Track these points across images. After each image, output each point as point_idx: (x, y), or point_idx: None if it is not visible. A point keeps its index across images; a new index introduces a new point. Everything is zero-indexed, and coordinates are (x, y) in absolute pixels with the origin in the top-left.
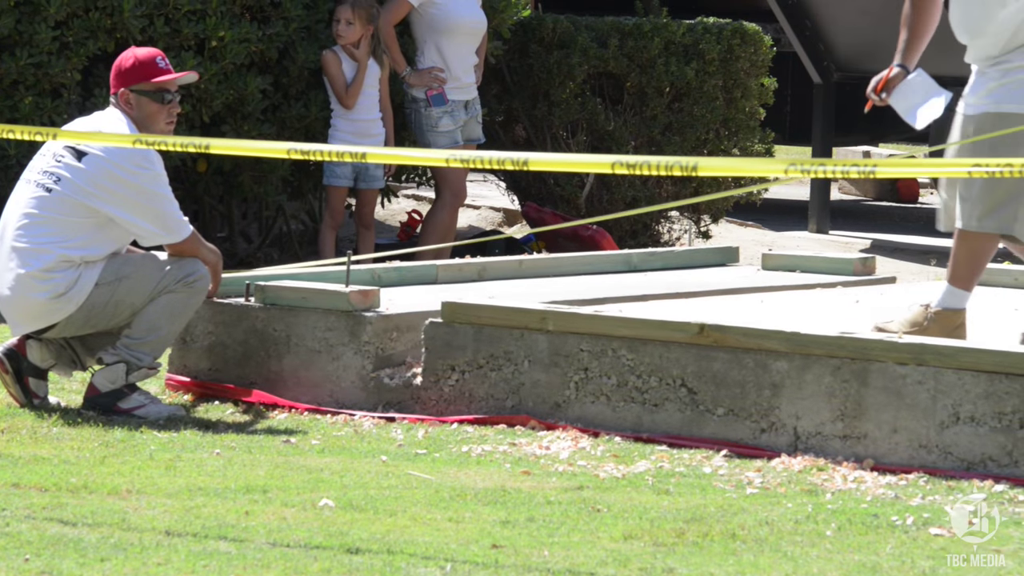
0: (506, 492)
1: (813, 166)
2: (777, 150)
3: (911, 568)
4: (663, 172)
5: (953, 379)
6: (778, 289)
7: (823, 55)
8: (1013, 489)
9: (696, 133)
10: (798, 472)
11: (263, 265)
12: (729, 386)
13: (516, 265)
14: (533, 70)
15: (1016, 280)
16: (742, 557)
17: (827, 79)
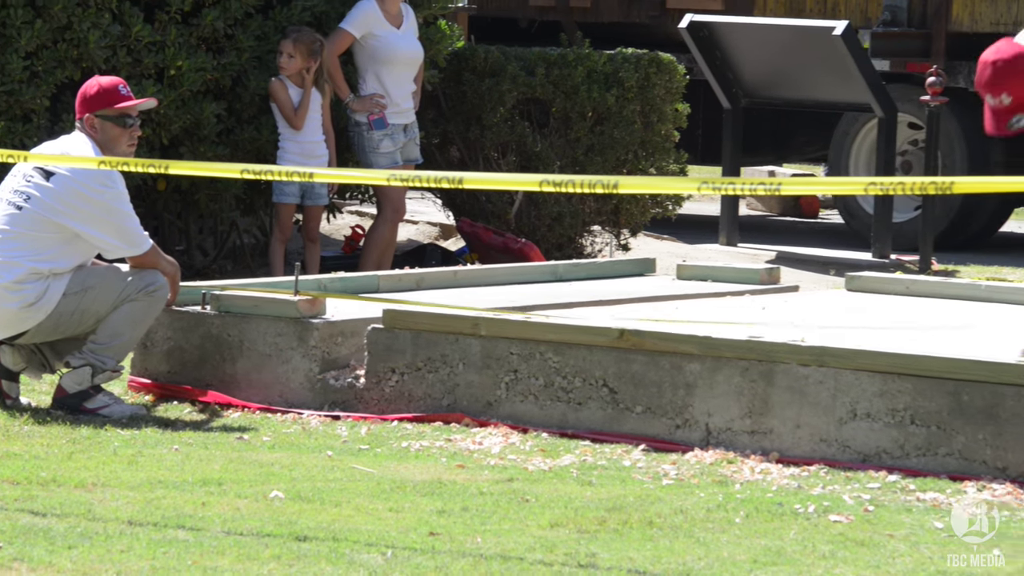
0: (442, 484)
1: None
2: (690, 169)
3: (812, 552)
4: (587, 190)
5: (851, 379)
6: (691, 297)
7: (732, 83)
8: (904, 479)
9: (616, 154)
10: (710, 464)
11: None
12: (647, 386)
13: (451, 275)
14: (467, 96)
15: (908, 288)
16: (659, 543)
17: (736, 105)
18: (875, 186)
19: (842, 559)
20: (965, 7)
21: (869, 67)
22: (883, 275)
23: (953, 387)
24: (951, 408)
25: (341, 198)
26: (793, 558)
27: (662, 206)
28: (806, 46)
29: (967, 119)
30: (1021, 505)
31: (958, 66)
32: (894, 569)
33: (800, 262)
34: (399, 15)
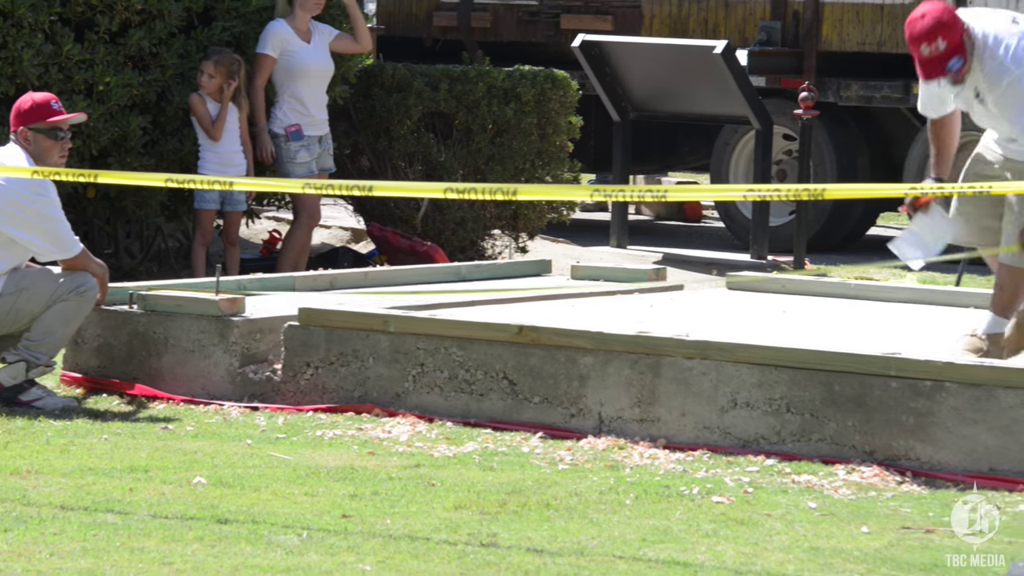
0: (354, 470)
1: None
2: (583, 178)
3: (696, 530)
4: (488, 196)
5: (732, 371)
6: (585, 295)
7: (621, 98)
8: (781, 463)
9: (515, 163)
10: (602, 451)
11: (144, 278)
12: (544, 378)
13: (362, 276)
14: (376, 110)
15: (784, 287)
16: (555, 523)
17: (625, 118)
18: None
19: (724, 537)
20: (834, 28)
21: (747, 83)
22: (761, 275)
23: (825, 378)
24: (823, 397)
25: (259, 205)
26: (679, 536)
27: (557, 211)
28: (689, 63)
29: (836, 131)
30: (887, 486)
31: (828, 82)
32: (771, 546)
33: (685, 263)
34: (308, 31)
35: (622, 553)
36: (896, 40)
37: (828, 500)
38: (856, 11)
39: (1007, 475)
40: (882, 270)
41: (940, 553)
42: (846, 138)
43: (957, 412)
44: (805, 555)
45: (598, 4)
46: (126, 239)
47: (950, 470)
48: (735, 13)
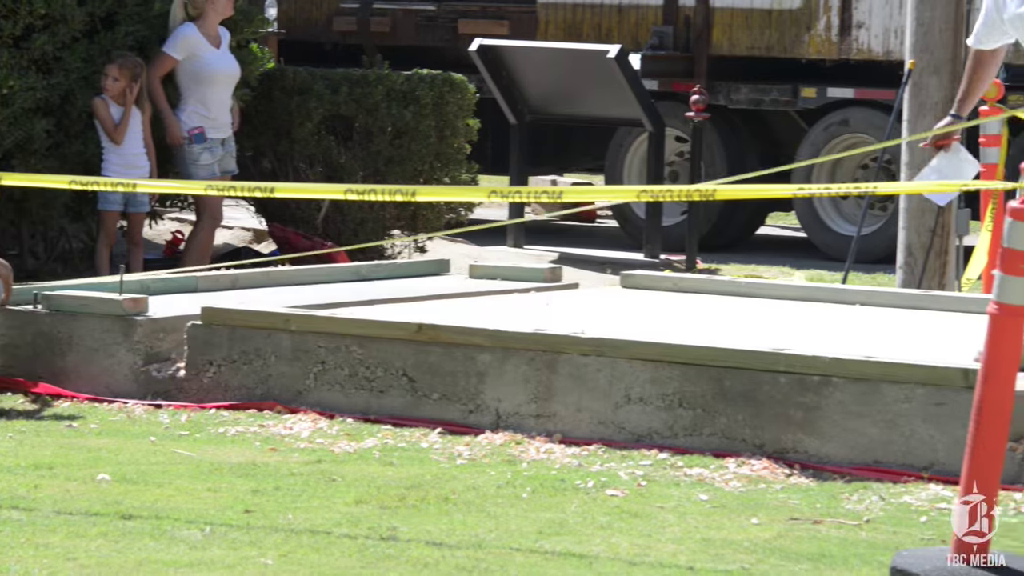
0: (256, 466)
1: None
2: (481, 179)
3: (592, 523)
4: (387, 198)
5: (626, 367)
6: (483, 294)
7: (517, 101)
8: (673, 457)
9: (414, 165)
10: (500, 446)
11: (49, 278)
12: (443, 375)
13: (264, 276)
14: (277, 113)
15: (676, 285)
16: (454, 517)
17: (521, 120)
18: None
19: (618, 529)
20: (724, 33)
21: (640, 86)
22: (654, 273)
23: (716, 373)
24: (715, 392)
25: (162, 206)
26: (574, 529)
27: (456, 212)
28: (584, 67)
29: (726, 132)
30: (776, 478)
31: (718, 85)
32: (664, 537)
33: (580, 262)
34: (217, 36)
35: (519, 545)
36: (784, 44)
37: (719, 492)
38: (745, 16)
39: (891, 467)
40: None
41: (827, 543)
42: (736, 140)
43: (843, 406)
44: (697, 546)
45: (495, 9)
46: (31, 240)
47: (837, 462)
48: (628, 18)
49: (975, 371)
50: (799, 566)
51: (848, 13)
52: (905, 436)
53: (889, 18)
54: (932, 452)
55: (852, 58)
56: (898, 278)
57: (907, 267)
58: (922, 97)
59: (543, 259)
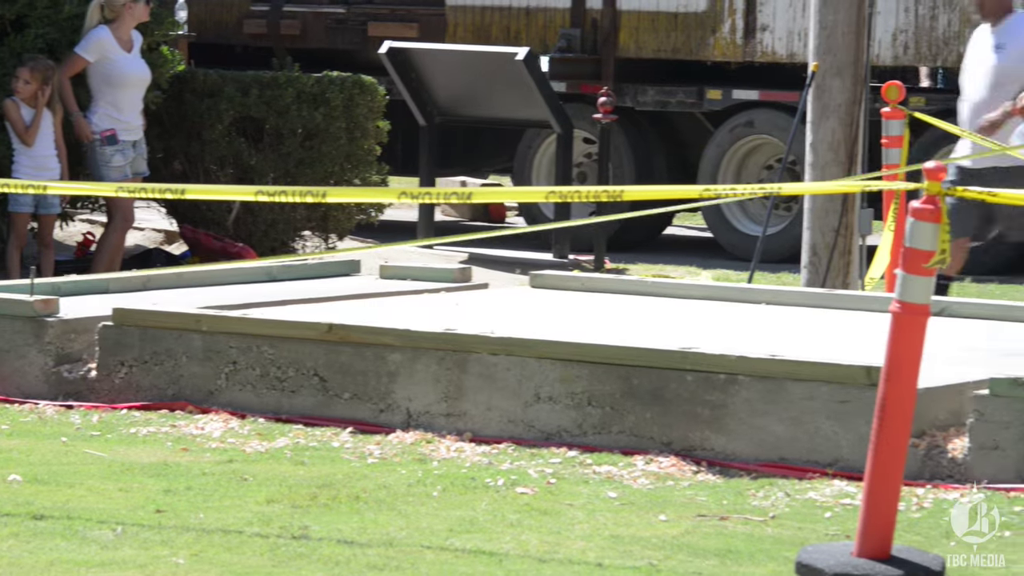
0: (168, 466)
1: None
2: (391, 180)
3: (502, 520)
4: (298, 199)
5: (535, 366)
6: (393, 294)
7: (427, 102)
8: (582, 455)
9: (324, 167)
10: (410, 444)
11: None
12: (354, 375)
13: (176, 277)
14: (188, 115)
15: (584, 285)
16: (365, 515)
17: (431, 122)
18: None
19: (528, 526)
20: (630, 36)
21: (548, 88)
22: (563, 273)
23: (625, 372)
24: (623, 391)
25: (73, 207)
26: (485, 527)
27: (366, 213)
28: (492, 69)
29: (633, 134)
30: (684, 475)
31: (625, 88)
32: (573, 534)
33: (490, 262)
34: (130, 41)
35: (430, 543)
36: (690, 47)
37: (627, 490)
38: (652, 19)
39: (796, 463)
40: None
41: (734, 539)
42: (643, 141)
43: (749, 404)
44: (605, 543)
45: (404, 12)
46: None
47: (743, 459)
48: (536, 21)
49: (878, 369)
50: (706, 562)
51: (752, 16)
52: (810, 433)
53: (793, 21)
54: (836, 449)
55: (757, 60)
56: (803, 277)
57: (811, 266)
58: (825, 99)
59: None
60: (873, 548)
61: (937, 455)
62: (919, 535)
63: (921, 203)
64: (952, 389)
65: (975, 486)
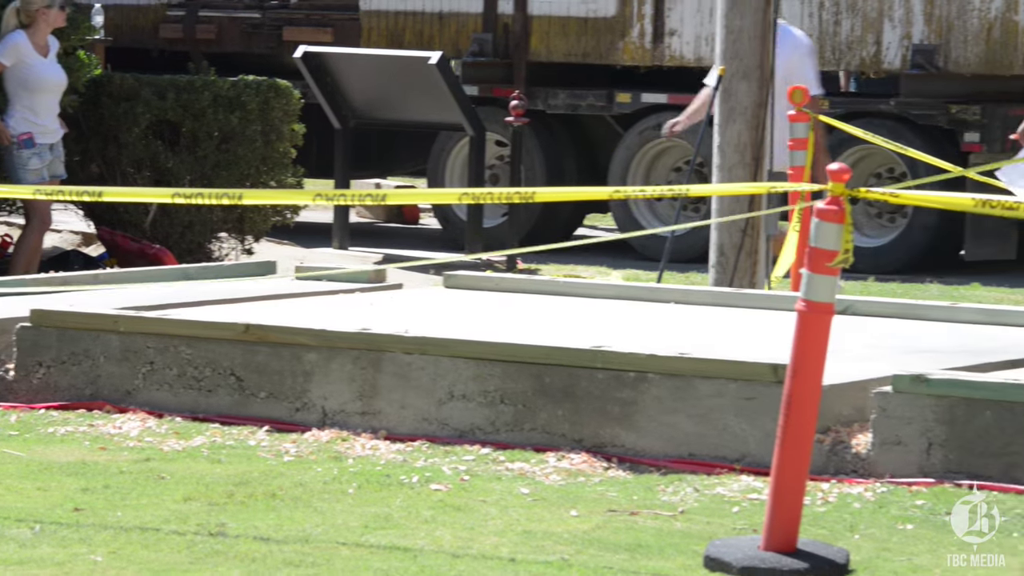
0: (86, 464)
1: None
2: (307, 183)
3: (416, 517)
4: (214, 201)
5: (449, 365)
6: (309, 295)
7: (341, 106)
8: (495, 452)
9: (241, 169)
10: (326, 442)
11: None
12: (270, 374)
13: (93, 278)
14: (105, 118)
15: (497, 285)
16: (281, 512)
17: (345, 125)
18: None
19: (442, 523)
20: (541, 41)
21: (461, 92)
22: (476, 274)
23: (536, 370)
24: (535, 389)
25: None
26: (399, 523)
27: (282, 215)
28: (406, 74)
29: (545, 137)
30: (595, 471)
31: (537, 91)
32: (486, 530)
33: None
34: (46, 45)
35: (345, 540)
36: (600, 51)
37: (540, 486)
38: (562, 24)
39: (705, 459)
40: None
41: (644, 534)
42: (554, 144)
43: (659, 401)
44: (518, 538)
45: (319, 17)
46: None
47: (653, 456)
48: (449, 26)
49: (784, 366)
50: (616, 556)
51: (661, 21)
52: (718, 429)
53: (700, 26)
54: (744, 444)
55: (665, 64)
56: (710, 277)
57: (719, 266)
58: (732, 102)
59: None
60: (779, 542)
61: (841, 450)
62: (824, 529)
63: (826, 204)
64: (856, 386)
65: (878, 481)
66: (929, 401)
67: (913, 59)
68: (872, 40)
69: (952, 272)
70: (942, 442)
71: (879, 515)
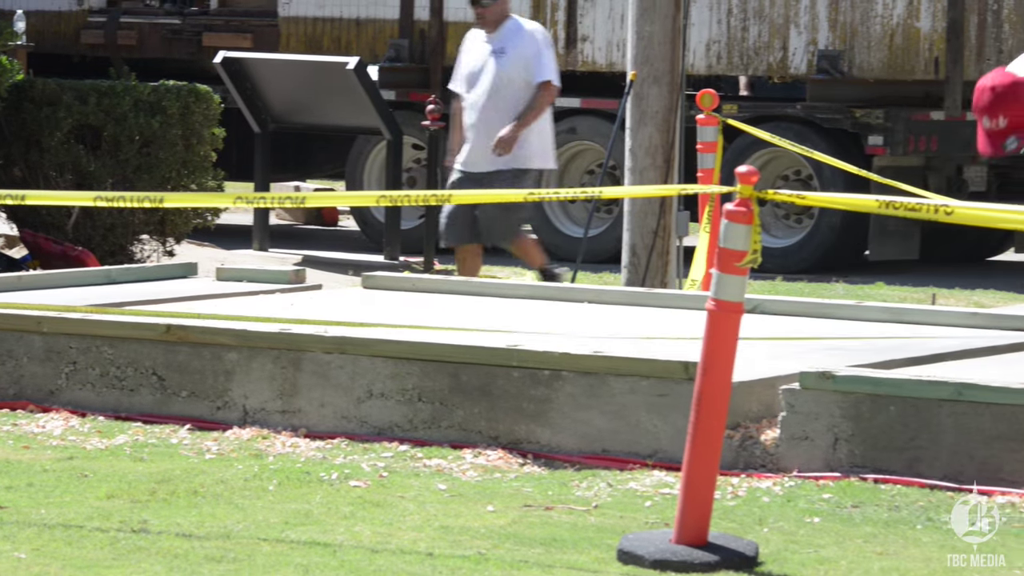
0: (9, 463)
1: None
2: (227, 186)
3: (336, 513)
4: (136, 204)
5: (367, 364)
6: (230, 296)
7: (261, 110)
8: (413, 449)
9: (162, 173)
10: (247, 440)
11: None
12: (191, 374)
13: (16, 280)
14: (27, 123)
15: (415, 286)
16: (203, 509)
17: (265, 129)
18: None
19: (361, 518)
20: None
21: (378, 97)
22: (394, 274)
23: (453, 369)
24: (452, 387)
25: None
26: (319, 519)
27: (203, 217)
28: (324, 78)
29: None
30: (511, 468)
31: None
32: (405, 525)
33: (323, 264)
34: None
35: (266, 536)
36: None
37: (457, 482)
38: None
39: (618, 455)
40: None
41: (559, 528)
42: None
43: (573, 398)
44: (436, 533)
45: (238, 23)
46: None
47: (567, 452)
48: (366, 32)
49: (695, 364)
50: (532, 550)
51: (574, 27)
52: (631, 426)
53: (612, 32)
54: (656, 440)
55: (578, 69)
56: (623, 277)
57: (631, 267)
58: (643, 106)
59: (287, 261)
60: (691, 535)
61: (751, 446)
62: (734, 522)
63: (735, 205)
64: (764, 383)
65: (786, 475)
66: (835, 397)
67: (819, 64)
68: (779, 46)
69: (857, 272)
70: (848, 437)
71: (787, 508)
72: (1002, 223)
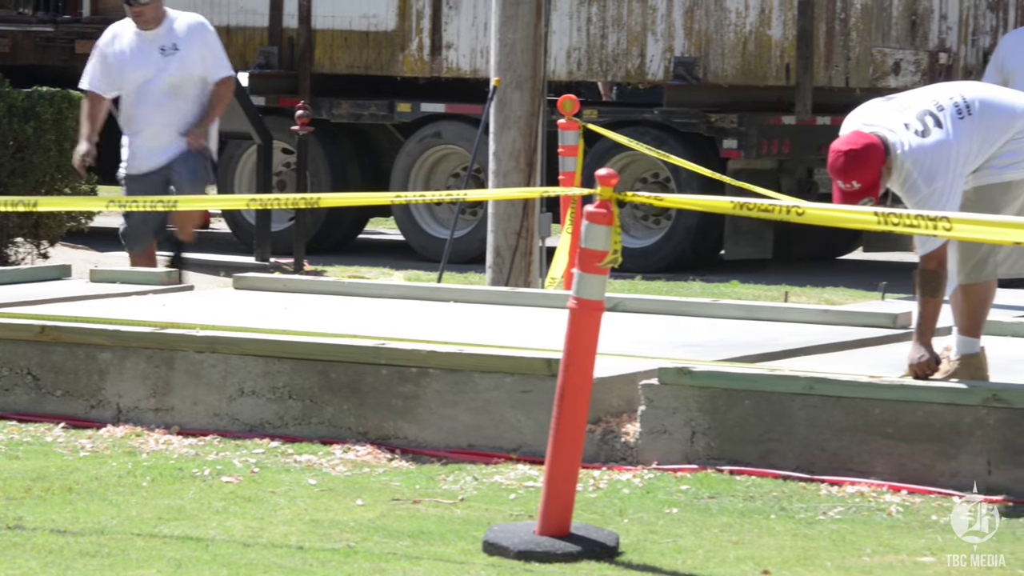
0: None
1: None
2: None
3: (208, 508)
4: (10, 208)
5: (239, 362)
6: (103, 297)
7: None
8: (284, 445)
9: (36, 177)
10: (121, 438)
11: None
12: (66, 373)
13: None
14: None
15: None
16: (77, 505)
17: None
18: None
19: (233, 513)
20: (325, 53)
21: (248, 102)
22: (265, 275)
23: (323, 367)
24: (321, 384)
25: None
26: (192, 514)
27: (76, 220)
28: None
29: (329, 145)
30: (379, 463)
31: (321, 101)
32: (276, 520)
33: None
34: None
35: (139, 531)
36: (381, 63)
37: (327, 477)
38: (344, 37)
39: (483, 450)
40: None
41: (426, 521)
42: (339, 152)
43: (440, 395)
44: (306, 527)
45: None
46: None
47: (434, 447)
48: (236, 39)
49: (557, 361)
50: (400, 543)
51: (438, 35)
52: (495, 421)
53: (476, 39)
54: (520, 435)
55: (443, 76)
56: (488, 277)
57: (496, 267)
58: (507, 111)
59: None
60: (553, 526)
61: (612, 439)
62: (596, 514)
63: (595, 207)
64: (625, 378)
65: (646, 468)
66: (692, 392)
67: (675, 71)
68: (637, 53)
69: (713, 271)
70: (705, 430)
71: (647, 500)
72: (850, 223)
